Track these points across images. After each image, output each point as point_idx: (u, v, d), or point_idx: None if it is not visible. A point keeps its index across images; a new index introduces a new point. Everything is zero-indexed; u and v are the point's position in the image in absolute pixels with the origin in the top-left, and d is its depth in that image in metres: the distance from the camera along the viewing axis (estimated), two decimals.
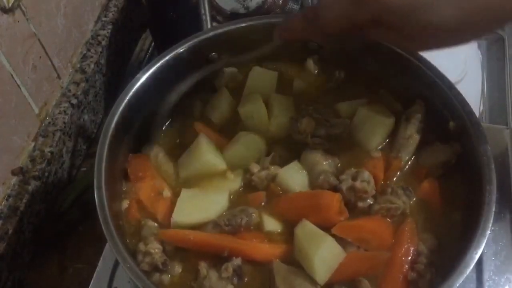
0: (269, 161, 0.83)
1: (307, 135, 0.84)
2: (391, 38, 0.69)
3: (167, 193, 0.81)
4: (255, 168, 0.82)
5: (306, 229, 0.74)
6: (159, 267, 0.73)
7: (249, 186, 0.83)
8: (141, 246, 0.75)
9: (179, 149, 0.88)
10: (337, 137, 0.86)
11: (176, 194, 0.81)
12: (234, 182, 0.83)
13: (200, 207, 0.79)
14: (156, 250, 0.74)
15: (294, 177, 0.82)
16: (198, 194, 0.81)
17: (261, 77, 0.94)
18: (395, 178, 0.83)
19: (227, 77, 0.95)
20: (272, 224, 0.78)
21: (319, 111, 0.87)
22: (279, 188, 0.82)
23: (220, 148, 0.86)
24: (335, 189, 0.79)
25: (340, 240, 0.74)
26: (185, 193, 0.80)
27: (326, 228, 0.75)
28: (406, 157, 0.84)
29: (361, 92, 0.91)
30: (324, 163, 0.82)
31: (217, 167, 0.84)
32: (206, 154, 0.83)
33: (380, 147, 0.86)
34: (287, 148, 0.86)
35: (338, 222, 0.75)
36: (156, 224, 0.79)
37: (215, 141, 0.87)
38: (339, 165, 0.84)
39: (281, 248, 0.76)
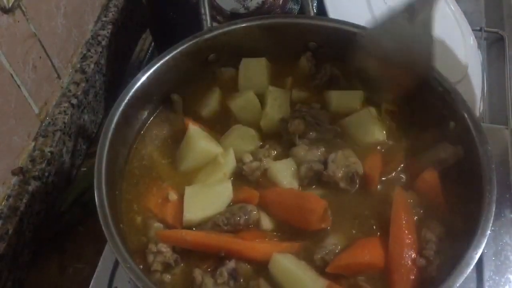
0: (263, 153, 0.83)
1: (295, 136, 0.85)
2: None
3: (173, 196, 0.81)
4: (247, 158, 0.83)
5: (280, 267, 0.73)
6: (171, 265, 0.74)
7: (239, 176, 0.83)
8: (152, 247, 0.75)
9: (169, 146, 0.88)
10: (327, 141, 0.86)
11: (181, 194, 0.80)
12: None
13: (207, 201, 0.79)
14: (168, 248, 0.74)
15: (284, 172, 0.82)
16: (202, 188, 0.81)
17: (252, 66, 0.94)
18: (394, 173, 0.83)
19: (225, 77, 0.95)
20: (265, 221, 0.79)
21: (312, 113, 0.87)
22: (268, 182, 0.82)
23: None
24: (320, 174, 0.80)
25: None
26: (189, 190, 0.80)
27: (307, 231, 0.76)
28: None
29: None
30: (309, 153, 0.83)
31: (213, 152, 0.84)
32: (200, 142, 0.84)
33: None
34: (281, 142, 0.87)
35: (319, 228, 0.76)
36: (162, 225, 0.78)
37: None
38: (323, 150, 0.85)
39: (279, 246, 0.76)
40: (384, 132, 0.87)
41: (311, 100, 0.92)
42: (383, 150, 0.86)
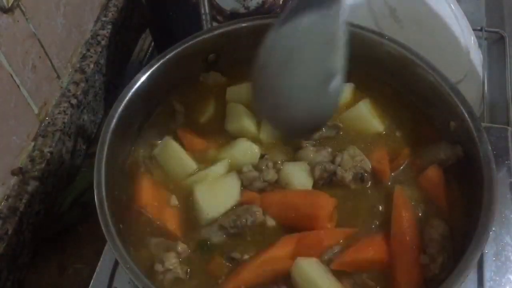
0: (264, 163, 0.82)
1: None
2: None
3: (174, 201, 0.80)
4: (246, 168, 0.82)
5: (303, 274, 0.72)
6: (182, 278, 0.73)
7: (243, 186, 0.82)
8: (158, 267, 0.73)
9: None
10: (331, 139, 0.86)
11: (181, 198, 0.80)
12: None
13: (221, 194, 0.79)
14: (174, 264, 0.73)
15: (297, 174, 0.81)
16: (211, 184, 0.81)
17: (236, 94, 0.92)
18: (402, 167, 0.83)
19: (211, 81, 0.95)
20: (269, 220, 0.78)
21: None
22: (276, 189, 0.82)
23: (205, 150, 0.86)
24: (333, 175, 0.80)
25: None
26: (199, 188, 0.79)
27: (309, 229, 0.75)
28: None
29: (361, 92, 0.91)
30: (318, 155, 0.83)
31: (189, 168, 0.84)
32: (176, 158, 0.84)
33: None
34: (283, 151, 0.86)
35: (324, 227, 0.76)
36: (161, 238, 0.77)
37: (197, 146, 0.86)
38: (330, 151, 0.84)
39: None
40: (384, 123, 0.88)
41: None
42: (387, 144, 0.86)
